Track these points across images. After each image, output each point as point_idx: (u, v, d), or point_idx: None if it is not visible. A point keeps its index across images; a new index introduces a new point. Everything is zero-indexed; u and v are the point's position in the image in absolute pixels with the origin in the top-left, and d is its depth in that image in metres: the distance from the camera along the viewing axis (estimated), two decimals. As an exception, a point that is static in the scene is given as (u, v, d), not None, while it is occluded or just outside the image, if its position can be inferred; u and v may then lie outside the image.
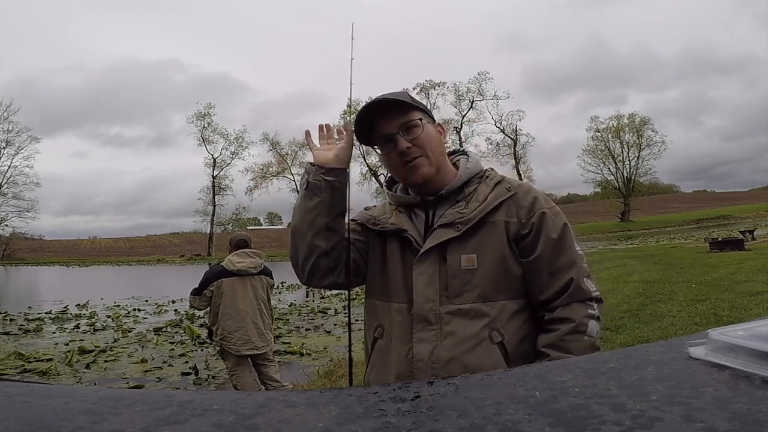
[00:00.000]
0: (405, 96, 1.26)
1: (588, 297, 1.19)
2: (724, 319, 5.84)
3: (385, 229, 1.28)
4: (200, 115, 61.43)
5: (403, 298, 1.22)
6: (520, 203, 1.22)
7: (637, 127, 64.30)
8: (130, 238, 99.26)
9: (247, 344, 4.25)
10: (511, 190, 1.24)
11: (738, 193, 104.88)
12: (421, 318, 1.18)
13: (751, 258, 12.05)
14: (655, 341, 0.52)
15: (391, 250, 1.27)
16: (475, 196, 1.23)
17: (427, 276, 1.19)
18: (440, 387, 0.43)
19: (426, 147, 1.23)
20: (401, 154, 1.22)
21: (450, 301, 1.17)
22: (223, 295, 4.27)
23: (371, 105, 1.22)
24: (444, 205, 1.25)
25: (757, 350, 0.40)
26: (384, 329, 1.26)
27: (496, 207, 1.20)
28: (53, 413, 0.38)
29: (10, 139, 56.94)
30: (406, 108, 1.24)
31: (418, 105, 1.27)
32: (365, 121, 1.26)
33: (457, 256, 1.18)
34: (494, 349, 1.15)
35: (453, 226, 1.19)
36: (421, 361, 1.16)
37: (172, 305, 13.94)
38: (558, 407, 0.36)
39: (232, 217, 65.34)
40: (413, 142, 1.22)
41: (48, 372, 6.44)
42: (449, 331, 1.15)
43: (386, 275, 1.27)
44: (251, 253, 4.44)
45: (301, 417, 0.37)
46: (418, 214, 1.29)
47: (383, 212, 1.33)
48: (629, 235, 44.52)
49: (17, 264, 56.62)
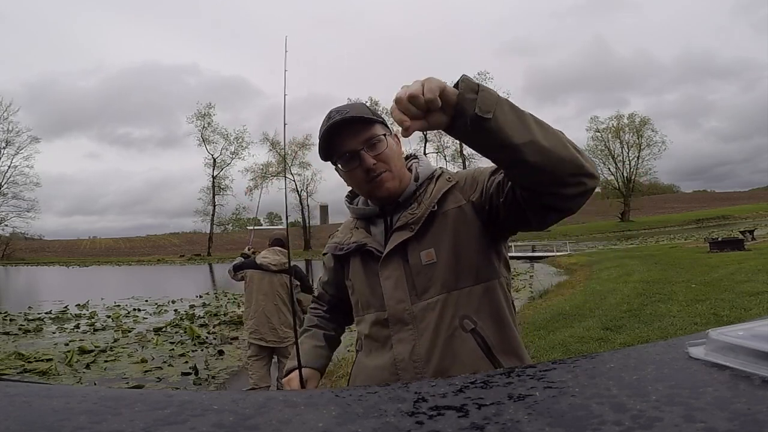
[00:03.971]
0: (365, 111, 1.25)
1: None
2: (724, 319, 5.84)
3: (350, 249, 1.31)
4: (200, 115, 61.55)
5: (375, 306, 1.25)
6: (462, 186, 1.25)
7: (637, 128, 64.40)
8: (130, 238, 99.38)
9: (255, 334, 4.47)
10: (451, 180, 1.27)
11: (738, 193, 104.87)
12: (396, 320, 1.20)
13: (751, 258, 12.05)
14: (655, 341, 0.52)
15: (355, 266, 1.31)
16: (425, 196, 1.26)
17: (394, 278, 1.21)
18: (440, 387, 0.43)
19: (390, 162, 1.24)
20: (367, 171, 1.22)
21: (419, 298, 1.19)
22: (247, 284, 4.62)
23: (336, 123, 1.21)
24: (400, 211, 1.28)
25: (757, 350, 0.40)
26: (362, 341, 1.30)
27: (442, 199, 1.23)
28: (53, 413, 0.38)
29: (10, 139, 57.06)
30: (368, 123, 1.23)
31: (378, 119, 1.27)
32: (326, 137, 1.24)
33: (417, 254, 1.20)
34: (468, 337, 1.16)
35: (407, 227, 1.22)
36: (402, 361, 1.18)
37: (172, 305, 13.93)
38: (558, 407, 0.36)
39: (232, 217, 65.45)
40: (378, 158, 1.22)
41: (48, 372, 6.44)
42: (424, 327, 1.18)
43: (357, 291, 1.31)
44: (278, 252, 4.66)
45: (301, 417, 0.37)
46: (377, 223, 1.32)
47: (345, 234, 1.37)
48: (629, 235, 44.53)
49: (17, 264, 56.65)
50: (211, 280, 26.03)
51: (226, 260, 46.43)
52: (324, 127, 1.23)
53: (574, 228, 57.30)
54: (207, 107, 62.49)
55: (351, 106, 1.26)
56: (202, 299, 15.19)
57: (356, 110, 1.23)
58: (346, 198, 1.43)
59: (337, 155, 1.25)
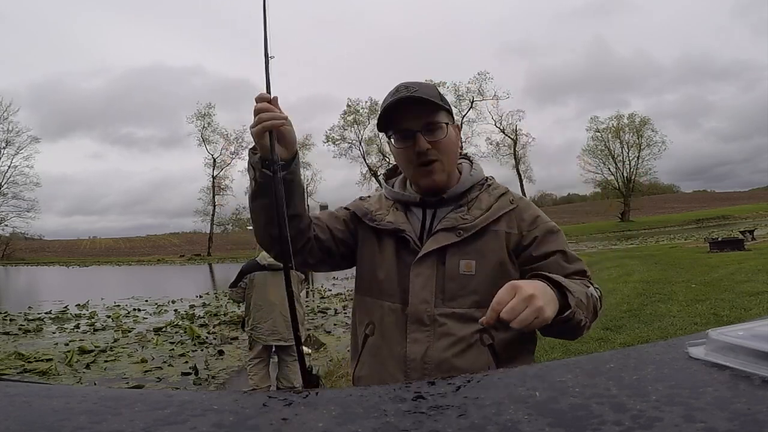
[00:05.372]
0: (434, 93, 1.22)
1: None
2: (724, 319, 5.83)
3: (382, 227, 1.26)
4: (200, 115, 61.50)
5: (397, 298, 1.21)
6: (522, 216, 1.23)
7: (637, 127, 64.34)
8: (130, 238, 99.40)
9: (274, 334, 4.45)
10: (514, 203, 1.25)
11: (738, 193, 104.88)
12: (415, 319, 1.18)
13: (751, 258, 12.04)
14: (655, 341, 0.52)
15: (385, 248, 1.25)
16: (477, 204, 1.23)
17: (425, 278, 1.18)
18: (440, 387, 0.43)
19: (444, 153, 1.21)
20: (419, 154, 1.19)
21: (445, 303, 1.17)
22: (255, 287, 4.52)
23: (402, 99, 1.18)
24: (444, 209, 1.24)
25: (757, 350, 0.40)
26: (375, 326, 1.25)
27: (499, 217, 1.21)
28: (53, 413, 0.38)
29: (10, 139, 57.02)
30: (433, 107, 1.20)
31: (444, 105, 1.23)
32: (388, 109, 1.21)
33: (456, 261, 1.18)
34: (484, 350, 1.15)
35: (455, 230, 1.19)
36: (413, 361, 1.16)
37: (172, 305, 13.92)
38: (558, 407, 0.36)
39: (232, 217, 65.41)
40: (434, 145, 1.19)
41: (48, 372, 6.43)
42: (442, 332, 1.16)
43: (379, 273, 1.25)
44: None
45: (301, 417, 0.37)
46: (414, 212, 1.27)
47: (379, 207, 1.31)
48: (629, 235, 44.50)
49: (17, 264, 56.64)
50: (211, 280, 26.01)
51: (226, 260, 46.37)
52: (389, 100, 1.20)
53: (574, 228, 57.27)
54: (207, 107, 62.43)
55: (420, 84, 1.23)
56: (202, 299, 15.18)
57: (425, 90, 1.21)
58: (382, 176, 1.39)
59: (394, 130, 1.23)
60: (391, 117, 1.21)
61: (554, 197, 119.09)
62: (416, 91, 1.19)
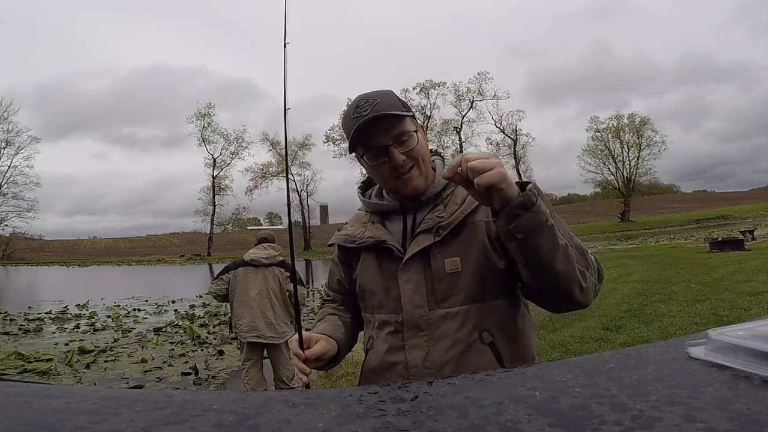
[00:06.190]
0: (395, 102, 1.20)
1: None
2: (724, 319, 5.83)
3: (364, 244, 1.25)
4: (200, 115, 61.49)
5: (390, 308, 1.21)
6: None
7: (637, 127, 64.34)
8: (130, 238, 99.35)
9: (252, 331, 4.40)
10: None
11: (738, 193, 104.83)
12: (412, 325, 1.17)
13: (751, 258, 12.05)
14: (655, 341, 0.52)
15: (368, 262, 1.26)
16: (453, 199, 1.22)
17: (414, 282, 1.18)
18: (440, 387, 0.43)
19: (418, 158, 1.20)
20: (395, 168, 1.18)
21: (438, 305, 1.16)
22: (238, 283, 4.53)
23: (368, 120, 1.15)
24: (423, 210, 1.24)
25: (757, 350, 0.40)
26: (374, 340, 1.26)
27: (475, 208, 1.19)
28: (53, 413, 0.38)
29: (10, 139, 57.02)
30: (399, 118, 1.18)
31: (408, 113, 1.21)
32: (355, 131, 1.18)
33: (441, 260, 1.17)
34: (485, 349, 1.15)
35: (434, 231, 1.18)
36: (415, 367, 1.16)
37: (172, 305, 13.92)
38: (558, 407, 0.36)
39: (232, 217, 65.44)
40: (407, 155, 1.18)
41: (48, 372, 6.43)
42: (440, 335, 1.15)
43: (370, 289, 1.26)
44: (268, 246, 4.64)
45: (301, 417, 0.37)
46: (393, 220, 1.27)
47: (357, 226, 1.31)
48: (629, 235, 44.50)
49: (17, 264, 56.61)
50: (211, 280, 25.98)
51: (226, 260, 46.11)
52: (352, 120, 1.17)
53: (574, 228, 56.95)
54: (207, 107, 62.43)
55: (379, 94, 1.19)
56: (202, 299, 15.16)
57: (386, 101, 1.17)
58: (358, 189, 1.38)
59: (364, 149, 1.20)
60: (359, 137, 1.19)
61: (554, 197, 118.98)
62: (378, 104, 1.16)
